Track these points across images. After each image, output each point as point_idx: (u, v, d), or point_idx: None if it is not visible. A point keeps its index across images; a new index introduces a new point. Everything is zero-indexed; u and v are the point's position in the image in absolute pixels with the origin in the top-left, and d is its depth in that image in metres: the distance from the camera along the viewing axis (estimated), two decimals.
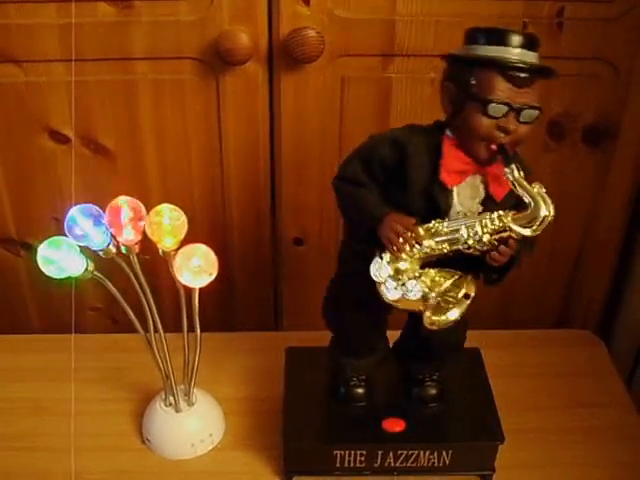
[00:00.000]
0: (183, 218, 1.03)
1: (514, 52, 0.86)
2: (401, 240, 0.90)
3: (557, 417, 1.21)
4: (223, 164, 1.30)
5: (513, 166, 0.87)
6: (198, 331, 1.09)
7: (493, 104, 0.85)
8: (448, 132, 0.92)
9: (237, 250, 1.39)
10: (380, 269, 0.91)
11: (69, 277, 1.01)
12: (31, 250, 1.37)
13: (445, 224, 0.91)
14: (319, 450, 1.09)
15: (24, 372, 1.29)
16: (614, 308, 1.48)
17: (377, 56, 1.21)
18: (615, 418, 1.21)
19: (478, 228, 0.89)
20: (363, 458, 1.08)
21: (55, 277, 1.00)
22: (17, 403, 1.23)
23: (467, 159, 0.90)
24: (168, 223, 1.02)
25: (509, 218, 0.88)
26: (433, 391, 1.13)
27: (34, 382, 1.27)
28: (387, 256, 0.91)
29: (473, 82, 0.87)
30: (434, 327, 0.91)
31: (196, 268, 1.02)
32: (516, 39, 0.86)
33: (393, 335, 1.15)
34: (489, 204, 0.92)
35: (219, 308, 1.44)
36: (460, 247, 0.90)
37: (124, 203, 1.02)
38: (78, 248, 1.01)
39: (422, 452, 1.08)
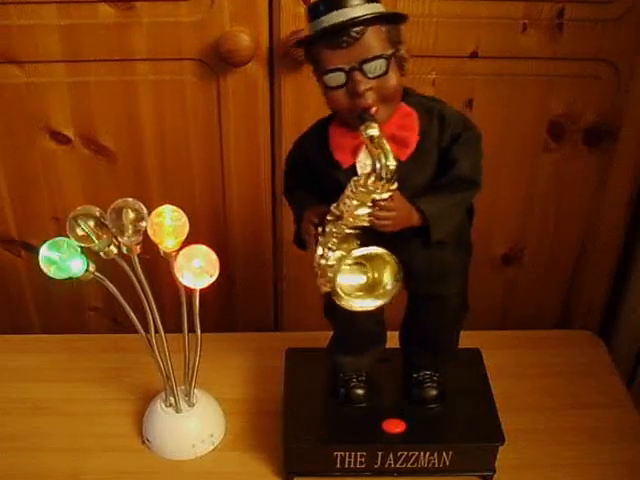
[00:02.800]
0: (184, 219, 1.03)
1: (328, 18, 0.83)
2: (308, 235, 0.92)
3: (558, 417, 1.21)
4: (224, 165, 1.30)
5: (367, 124, 0.84)
6: (199, 332, 1.09)
7: (327, 75, 0.85)
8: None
9: (237, 250, 1.39)
10: (316, 264, 0.92)
11: (70, 278, 1.01)
12: (32, 250, 1.37)
13: (333, 206, 0.90)
14: (319, 451, 1.09)
15: (24, 372, 1.29)
16: (615, 308, 1.48)
17: None
18: (616, 418, 1.21)
19: (346, 201, 0.88)
20: (363, 459, 1.08)
21: (57, 278, 1.00)
22: (17, 403, 1.23)
23: (353, 133, 0.88)
24: (169, 224, 1.02)
25: (361, 181, 0.86)
26: (433, 392, 1.13)
27: (34, 382, 1.27)
28: (319, 249, 0.91)
29: (314, 63, 0.87)
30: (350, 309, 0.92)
31: (197, 269, 1.03)
32: (326, 5, 0.83)
33: (392, 336, 1.15)
34: (401, 168, 0.87)
35: (219, 308, 1.44)
36: (347, 223, 0.89)
37: (127, 204, 1.02)
38: (79, 249, 1.01)
39: (422, 453, 1.08)
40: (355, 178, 0.87)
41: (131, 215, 1.01)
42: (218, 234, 1.36)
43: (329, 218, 0.90)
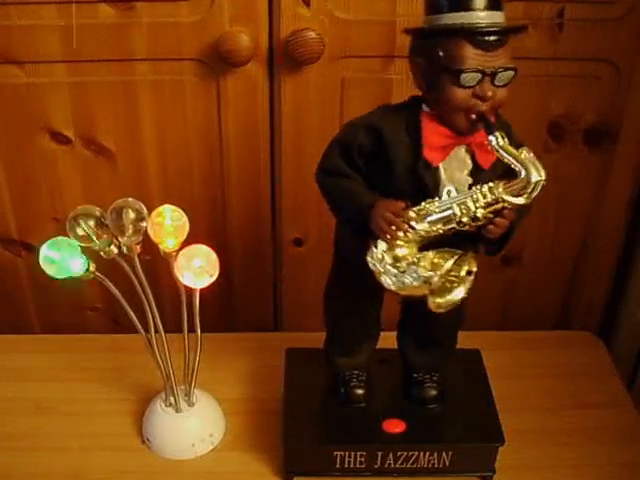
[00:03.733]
0: (184, 219, 1.03)
1: (479, 15, 0.83)
2: (393, 227, 0.87)
3: (557, 418, 1.21)
4: (223, 165, 1.30)
5: (497, 134, 0.85)
6: (199, 332, 1.09)
7: (465, 74, 0.83)
8: (425, 107, 0.90)
9: (237, 251, 1.39)
10: (377, 259, 0.89)
11: (71, 277, 1.01)
12: (32, 250, 1.37)
13: (436, 204, 0.88)
14: (319, 451, 1.09)
15: (25, 372, 1.30)
16: (615, 309, 1.48)
17: (377, 57, 1.21)
18: (615, 419, 1.21)
19: (470, 204, 0.87)
20: (363, 459, 1.08)
21: (57, 277, 1.00)
22: (18, 403, 1.23)
23: (448, 132, 0.88)
24: (170, 224, 1.02)
25: (500, 189, 0.86)
26: (433, 392, 1.13)
27: (35, 382, 1.27)
28: (382, 245, 0.89)
29: (441, 54, 0.85)
30: (441, 310, 0.89)
31: (198, 269, 1.03)
32: (479, 1, 0.82)
33: (388, 337, 1.15)
34: (478, 174, 0.90)
35: (219, 308, 1.44)
36: (455, 225, 0.88)
37: (127, 204, 1.02)
38: (79, 248, 1.01)
39: (422, 453, 1.08)
40: (492, 184, 0.86)
41: (131, 215, 1.01)
42: (217, 234, 1.36)
43: (413, 215, 0.88)
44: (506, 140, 0.85)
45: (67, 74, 1.20)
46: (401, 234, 0.88)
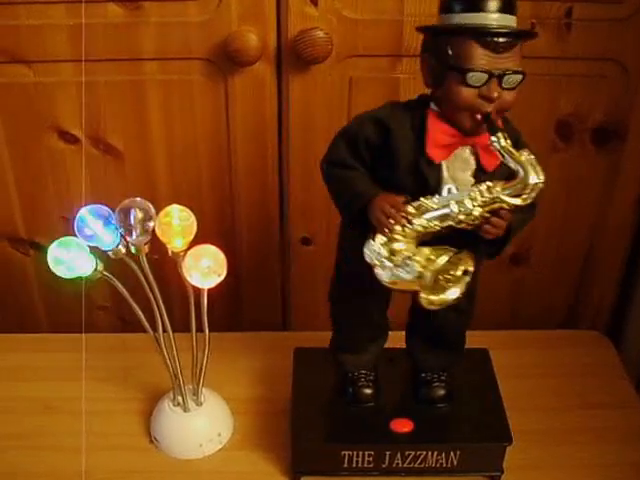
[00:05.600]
0: (192, 219, 1.03)
1: (491, 17, 0.83)
2: (391, 220, 0.88)
3: (565, 418, 1.21)
4: (231, 164, 1.30)
5: (499, 134, 0.85)
6: (207, 331, 1.09)
7: (472, 73, 0.84)
8: (432, 105, 0.91)
9: (245, 250, 1.39)
10: (373, 251, 0.89)
11: (79, 277, 1.01)
12: (40, 249, 1.38)
13: (435, 200, 0.88)
14: (327, 450, 1.09)
15: (33, 371, 1.30)
16: (623, 309, 1.47)
17: (385, 56, 1.21)
18: (623, 419, 1.21)
19: (467, 202, 0.87)
20: (371, 459, 1.08)
21: (65, 277, 1.00)
22: (26, 402, 1.23)
23: (453, 131, 0.89)
24: (177, 224, 1.02)
25: (498, 189, 0.86)
26: (441, 392, 1.13)
27: (43, 381, 1.27)
28: (379, 238, 0.89)
29: (450, 52, 0.85)
30: (432, 307, 0.89)
31: (206, 269, 1.03)
32: (492, 3, 0.83)
33: (396, 336, 1.15)
34: (481, 175, 0.90)
35: (227, 308, 1.44)
36: (452, 223, 0.88)
37: (135, 204, 1.02)
38: (88, 248, 1.01)
39: (430, 453, 1.08)
40: (490, 184, 0.87)
41: (139, 215, 1.01)
42: (226, 234, 1.36)
43: (412, 210, 0.89)
44: (508, 142, 0.85)
45: (75, 73, 1.20)
46: (399, 228, 0.88)
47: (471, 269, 0.90)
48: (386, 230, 0.88)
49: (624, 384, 1.28)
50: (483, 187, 0.87)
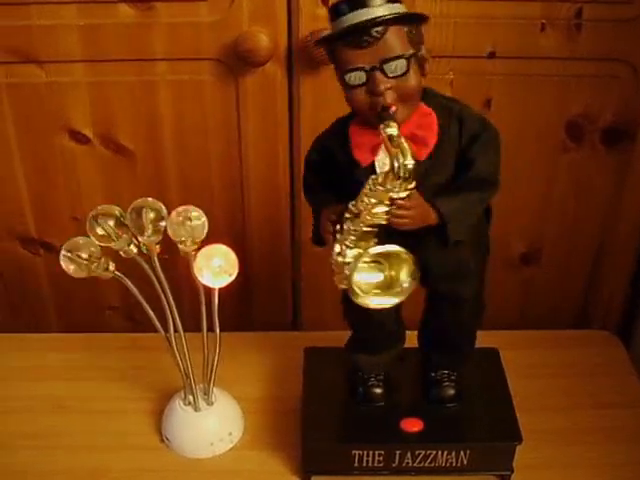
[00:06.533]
0: (204, 219, 1.04)
1: (351, 17, 0.83)
2: (326, 232, 0.93)
3: (576, 417, 1.20)
4: (242, 164, 1.30)
5: (386, 123, 0.84)
6: (217, 331, 1.09)
7: (348, 74, 0.85)
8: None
9: (256, 250, 1.39)
10: (333, 261, 0.93)
11: (91, 277, 1.01)
12: (51, 250, 1.38)
13: (351, 203, 0.90)
14: (337, 450, 1.09)
15: (44, 371, 1.30)
16: (634, 309, 1.47)
17: None
18: (634, 419, 1.21)
19: (365, 199, 0.88)
20: (381, 458, 1.08)
21: (77, 277, 1.01)
22: (37, 402, 1.24)
23: (372, 132, 0.89)
24: (189, 224, 1.03)
25: (380, 180, 0.86)
26: (451, 391, 1.13)
27: (54, 381, 1.28)
28: (336, 247, 0.92)
29: (335, 62, 0.88)
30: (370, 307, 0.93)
31: (217, 268, 1.03)
32: (344, 6, 0.84)
33: (407, 335, 1.15)
34: (420, 167, 0.88)
35: (238, 308, 1.44)
36: (365, 221, 0.89)
37: (147, 204, 1.03)
38: (99, 248, 1.01)
39: (440, 452, 1.08)
40: (373, 177, 0.87)
41: (151, 215, 1.02)
42: (237, 233, 1.36)
43: (347, 216, 0.90)
44: (395, 131, 0.84)
45: (86, 74, 1.21)
46: (339, 236, 0.91)
47: (413, 266, 0.91)
48: (330, 240, 0.93)
49: (634, 384, 1.28)
50: (370, 184, 0.87)
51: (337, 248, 0.92)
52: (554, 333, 1.39)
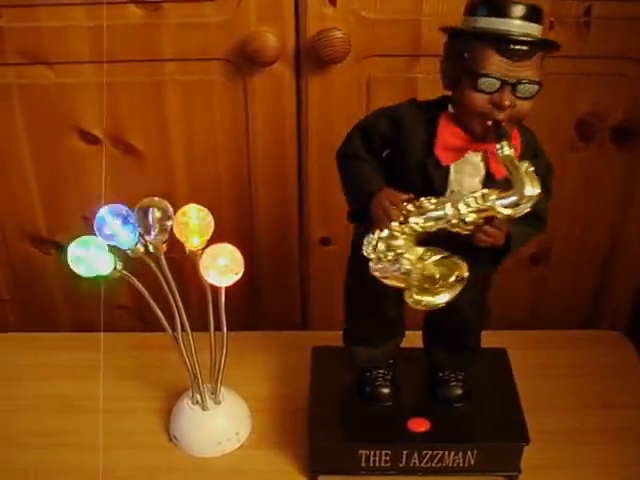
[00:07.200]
0: (210, 218, 1.04)
1: (512, 24, 0.82)
2: (388, 217, 0.88)
3: (584, 418, 1.20)
4: (251, 164, 1.30)
5: (504, 142, 0.83)
6: (225, 330, 1.09)
7: (483, 78, 0.83)
8: (450, 108, 0.91)
9: (264, 249, 1.39)
10: (369, 244, 0.89)
11: (98, 276, 1.02)
12: (61, 249, 1.39)
13: (433, 200, 0.87)
14: (344, 449, 1.10)
15: (53, 370, 1.31)
16: None
17: (403, 56, 1.21)
18: None
19: (462, 207, 0.85)
20: (388, 458, 1.09)
21: (84, 275, 1.01)
22: (46, 400, 1.25)
23: (464, 135, 0.89)
24: (195, 223, 1.03)
25: (493, 197, 0.84)
26: (458, 391, 1.13)
27: (63, 380, 1.29)
28: (378, 232, 0.89)
29: (466, 55, 0.85)
30: (419, 307, 0.88)
31: (222, 267, 1.03)
32: (514, 10, 0.82)
33: (414, 336, 1.15)
34: (490, 183, 0.89)
35: (247, 307, 1.44)
36: (446, 226, 0.87)
37: (153, 203, 1.03)
38: (107, 247, 1.02)
39: (447, 452, 1.08)
40: (486, 191, 0.85)
41: (157, 214, 1.03)
42: (245, 233, 1.36)
43: (412, 209, 0.88)
44: (512, 151, 0.83)
45: (96, 74, 1.21)
46: (395, 224, 0.88)
47: (465, 275, 0.88)
48: (381, 225, 0.88)
49: None
50: (479, 194, 0.85)
51: (377, 234, 0.89)
52: (563, 333, 1.38)
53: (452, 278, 0.88)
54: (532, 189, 0.82)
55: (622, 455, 1.14)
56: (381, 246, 0.89)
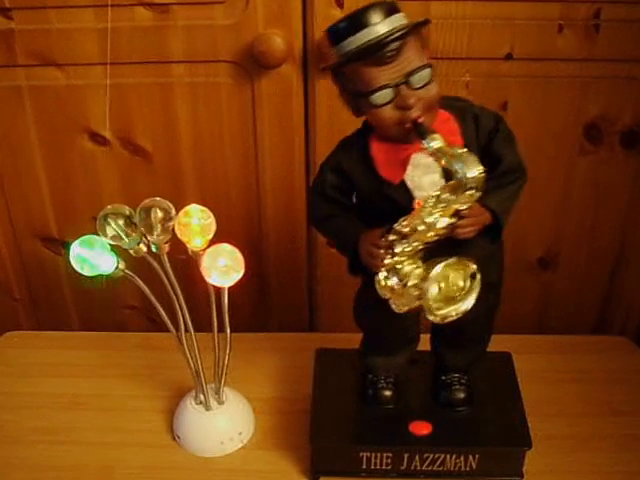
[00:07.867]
0: (211, 219, 1.04)
1: (374, 29, 0.82)
2: (376, 259, 0.89)
3: (589, 424, 1.19)
4: (258, 166, 1.31)
5: (429, 137, 0.83)
6: (228, 330, 1.10)
7: (375, 94, 0.83)
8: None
9: (272, 251, 1.40)
10: (382, 288, 0.90)
11: (101, 275, 1.03)
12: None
13: (404, 222, 0.87)
14: (346, 451, 1.09)
15: (62, 368, 1.32)
16: None
17: None
18: None
19: (428, 218, 0.86)
20: (389, 460, 1.08)
21: (87, 275, 1.02)
22: (54, 398, 1.26)
23: (396, 147, 0.89)
24: (197, 223, 1.04)
25: (445, 194, 0.84)
26: (461, 395, 1.12)
27: (71, 378, 1.30)
28: (381, 273, 0.90)
29: (350, 83, 0.86)
30: (449, 320, 0.89)
31: (223, 268, 1.03)
32: (358, 21, 0.82)
33: (423, 338, 1.14)
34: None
35: (254, 309, 1.45)
36: (429, 238, 0.87)
37: (155, 203, 1.04)
38: (109, 246, 1.03)
39: (449, 456, 1.07)
40: (435, 193, 0.86)
41: (159, 214, 1.03)
42: (253, 235, 1.37)
43: (393, 237, 0.88)
44: (440, 142, 0.83)
45: (105, 76, 1.22)
46: (388, 260, 0.89)
47: (474, 268, 0.88)
48: (376, 269, 0.90)
49: None
50: (432, 200, 0.86)
51: (382, 274, 0.90)
52: (570, 338, 1.37)
53: (467, 282, 0.88)
54: (475, 169, 0.82)
55: (626, 463, 1.12)
56: (392, 281, 0.90)
